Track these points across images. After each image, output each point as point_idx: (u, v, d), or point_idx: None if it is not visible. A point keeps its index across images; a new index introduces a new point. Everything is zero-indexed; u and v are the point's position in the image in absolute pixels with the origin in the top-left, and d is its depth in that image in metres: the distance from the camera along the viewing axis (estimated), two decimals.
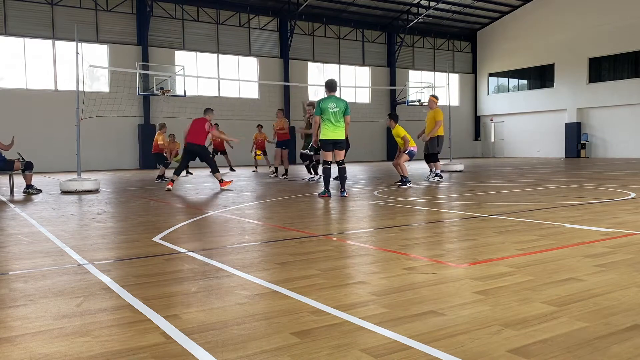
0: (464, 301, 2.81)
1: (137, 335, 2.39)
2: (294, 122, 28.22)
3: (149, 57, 24.49)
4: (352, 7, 29.35)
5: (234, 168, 19.97)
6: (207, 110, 11.61)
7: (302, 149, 13.48)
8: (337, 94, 9.01)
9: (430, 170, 12.49)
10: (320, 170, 13.39)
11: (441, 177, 12.32)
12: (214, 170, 11.31)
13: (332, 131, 8.77)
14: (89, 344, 2.29)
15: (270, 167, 17.61)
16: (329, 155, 9.00)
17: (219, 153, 18.63)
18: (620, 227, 5.16)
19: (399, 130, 11.22)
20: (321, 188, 9.91)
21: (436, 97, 12.73)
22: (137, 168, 24.36)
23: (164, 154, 15.50)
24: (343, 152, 9.04)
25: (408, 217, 6.38)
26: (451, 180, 12.55)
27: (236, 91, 27.20)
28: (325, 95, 8.97)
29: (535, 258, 3.85)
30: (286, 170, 14.94)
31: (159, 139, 15.33)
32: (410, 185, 10.78)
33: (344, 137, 8.91)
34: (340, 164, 9.00)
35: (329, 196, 8.76)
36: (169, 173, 16.88)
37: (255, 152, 18.11)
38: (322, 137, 8.87)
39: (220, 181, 11.03)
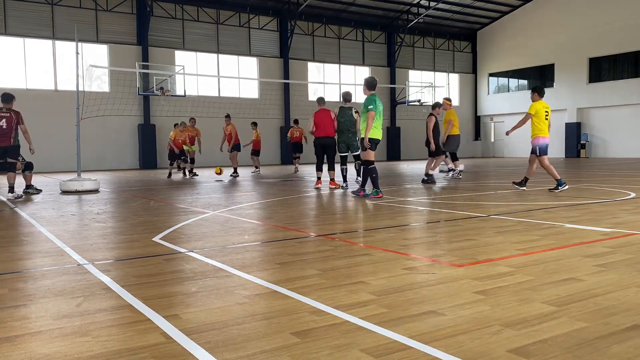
0: (464, 301, 2.81)
1: (137, 335, 2.39)
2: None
3: (149, 57, 24.49)
4: (352, 7, 29.36)
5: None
6: (321, 99, 11.06)
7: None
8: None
9: (452, 168, 13.34)
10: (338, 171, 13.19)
11: (448, 173, 13.47)
12: (318, 168, 11.01)
13: (379, 130, 8.48)
14: (89, 344, 2.29)
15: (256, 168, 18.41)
16: (374, 155, 8.60)
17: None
18: (620, 227, 5.16)
19: (532, 108, 9.25)
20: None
21: (449, 100, 13.11)
22: (137, 168, 24.35)
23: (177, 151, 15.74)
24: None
25: (408, 217, 6.38)
26: (451, 180, 12.54)
27: (236, 91, 27.21)
28: (367, 94, 8.54)
29: (535, 258, 3.85)
30: (235, 169, 15.97)
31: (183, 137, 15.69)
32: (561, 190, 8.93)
33: None
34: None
35: (382, 195, 8.49)
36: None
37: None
38: (372, 136, 8.43)
39: (332, 179, 10.79)
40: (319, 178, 10.87)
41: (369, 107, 8.27)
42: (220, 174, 15.29)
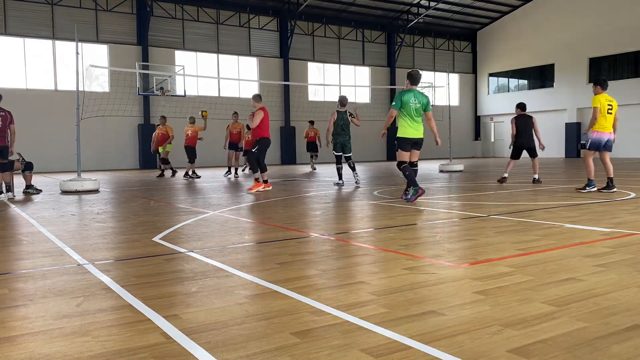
0: (464, 301, 2.81)
1: (137, 335, 2.39)
2: (293, 122, 28.27)
3: (149, 57, 24.49)
4: (352, 7, 29.35)
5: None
6: (259, 96, 10.58)
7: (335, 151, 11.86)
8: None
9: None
10: (354, 171, 13.42)
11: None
12: (264, 170, 10.40)
13: (414, 129, 7.76)
14: (89, 344, 2.29)
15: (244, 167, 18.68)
16: (406, 156, 7.83)
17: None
18: (620, 227, 5.16)
19: (595, 101, 8.69)
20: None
21: None
22: (137, 168, 24.35)
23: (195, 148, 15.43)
24: (419, 152, 8.03)
25: (408, 217, 6.38)
26: (451, 180, 12.55)
27: (236, 91, 27.21)
28: (406, 88, 7.87)
29: (535, 258, 3.85)
30: (236, 169, 16.12)
31: (197, 129, 15.24)
32: (593, 189, 8.79)
33: (423, 136, 7.96)
34: (414, 165, 8.00)
35: (424, 191, 7.78)
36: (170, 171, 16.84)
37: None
38: (401, 134, 7.79)
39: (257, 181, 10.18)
40: (266, 181, 10.27)
41: (392, 105, 7.79)
42: (205, 115, 15.06)
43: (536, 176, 11.00)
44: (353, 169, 11.38)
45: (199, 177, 15.35)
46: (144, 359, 2.12)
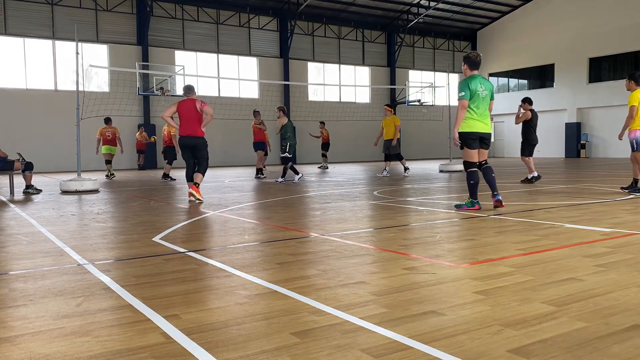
0: (464, 301, 2.81)
1: (137, 335, 2.39)
2: (293, 122, 28.27)
3: (149, 57, 24.50)
4: (352, 7, 29.36)
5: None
6: (187, 88, 8.78)
7: (282, 152, 13.18)
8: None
9: (385, 168, 14.76)
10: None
11: (389, 174, 14.67)
12: (204, 172, 8.74)
13: (482, 122, 6.54)
14: (89, 344, 2.29)
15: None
16: (474, 155, 6.61)
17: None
18: (620, 227, 5.16)
19: (634, 98, 8.09)
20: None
21: (389, 106, 14.89)
22: (137, 168, 24.33)
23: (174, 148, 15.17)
24: (487, 151, 6.79)
25: (408, 217, 6.38)
26: (451, 180, 12.55)
27: (236, 91, 27.22)
28: (467, 75, 6.63)
29: (535, 258, 3.85)
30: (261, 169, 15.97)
31: (172, 130, 15.03)
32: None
33: (491, 131, 6.75)
34: (484, 164, 6.78)
35: (480, 207, 6.66)
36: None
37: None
38: (466, 129, 6.53)
39: (197, 185, 8.51)
40: (197, 185, 8.54)
41: (460, 95, 6.47)
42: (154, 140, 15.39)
43: (536, 174, 11.08)
44: (282, 174, 12.96)
45: (174, 179, 14.70)
46: (144, 359, 2.12)
